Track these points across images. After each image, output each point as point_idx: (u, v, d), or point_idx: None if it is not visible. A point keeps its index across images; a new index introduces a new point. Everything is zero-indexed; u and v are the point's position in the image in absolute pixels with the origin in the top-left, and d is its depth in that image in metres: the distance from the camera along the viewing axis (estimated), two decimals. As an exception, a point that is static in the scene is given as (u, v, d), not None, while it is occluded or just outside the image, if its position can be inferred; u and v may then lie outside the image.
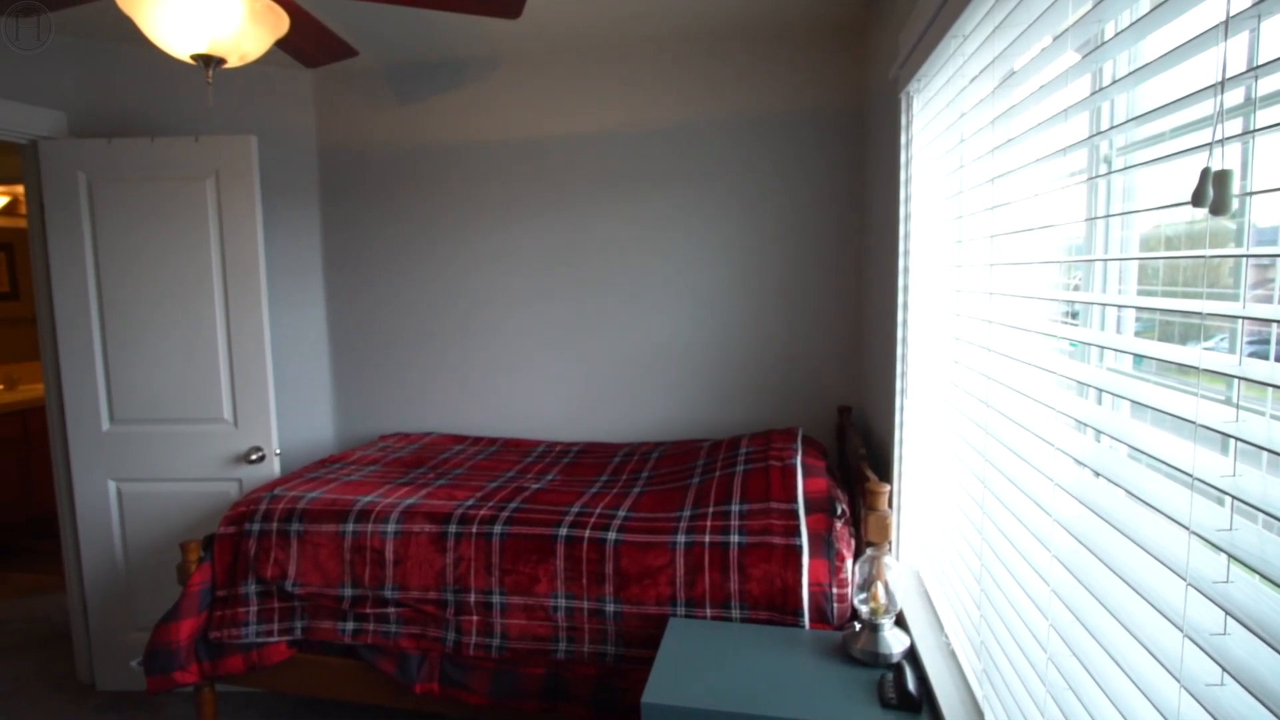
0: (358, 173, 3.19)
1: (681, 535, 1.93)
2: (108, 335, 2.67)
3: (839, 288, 2.86)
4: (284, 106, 3.11)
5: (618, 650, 1.92)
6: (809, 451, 2.44)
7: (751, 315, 2.93)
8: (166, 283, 2.65)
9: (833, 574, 1.83)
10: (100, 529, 2.75)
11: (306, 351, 3.23)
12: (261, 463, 2.69)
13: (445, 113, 3.09)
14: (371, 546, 2.08)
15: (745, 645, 1.69)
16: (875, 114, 2.51)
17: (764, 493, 2.06)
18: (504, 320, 3.14)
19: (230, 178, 2.61)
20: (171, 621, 2.15)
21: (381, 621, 2.08)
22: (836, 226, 2.84)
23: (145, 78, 2.82)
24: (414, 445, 2.94)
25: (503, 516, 2.08)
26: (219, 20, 1.43)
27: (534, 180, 3.04)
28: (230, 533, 2.20)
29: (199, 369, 2.68)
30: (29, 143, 2.63)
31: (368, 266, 3.24)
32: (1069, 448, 1.02)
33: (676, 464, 2.54)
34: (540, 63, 2.98)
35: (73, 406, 2.69)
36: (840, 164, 2.81)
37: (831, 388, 2.90)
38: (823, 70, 2.79)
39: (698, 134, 2.89)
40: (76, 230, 2.62)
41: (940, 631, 1.67)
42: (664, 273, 2.97)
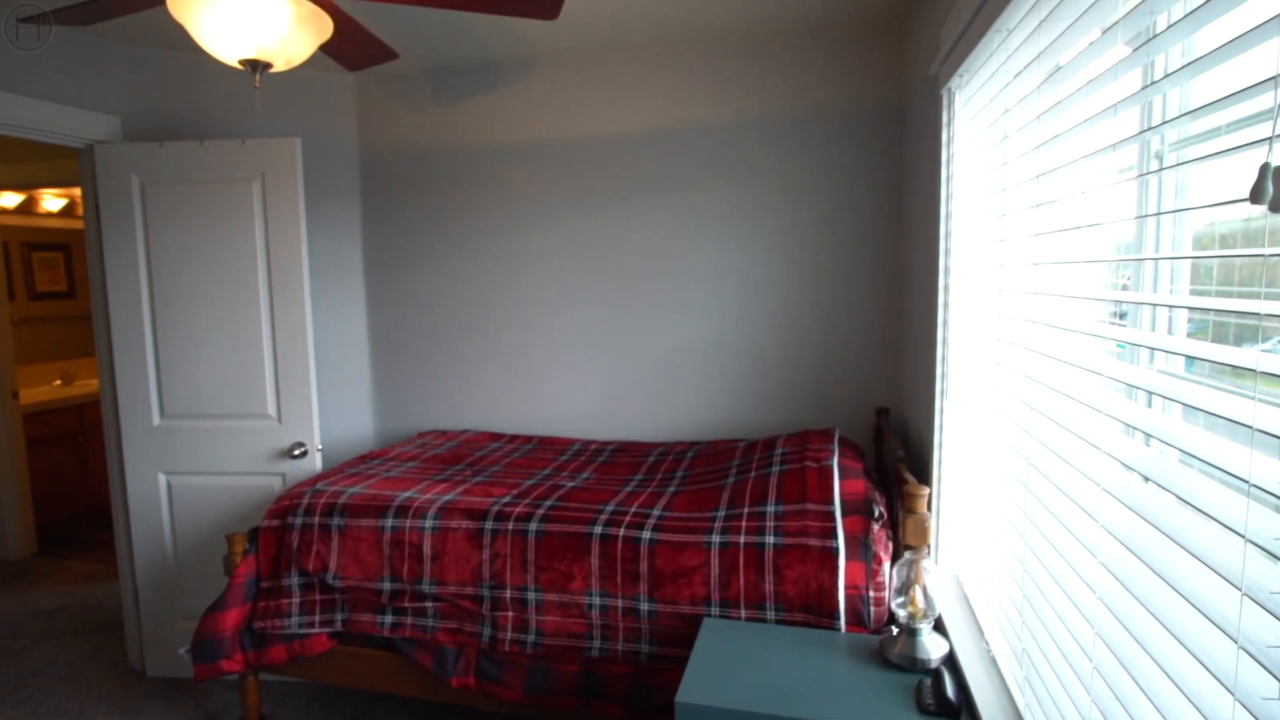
0: (397, 173, 3.25)
1: (716, 535, 1.92)
2: (159, 333, 2.76)
3: (877, 287, 2.82)
4: (326, 109, 3.17)
5: (651, 649, 1.93)
6: (846, 453, 2.41)
7: (788, 315, 2.90)
8: (214, 282, 2.73)
9: (869, 577, 1.81)
10: (151, 520, 2.84)
11: (347, 349, 3.30)
12: (304, 458, 2.76)
13: (482, 114, 3.12)
14: (410, 541, 2.12)
15: (780, 647, 1.68)
16: (915, 111, 2.47)
17: (800, 494, 2.04)
18: (540, 319, 3.17)
19: (275, 179, 2.67)
20: (218, 611, 2.22)
21: (419, 615, 2.11)
22: (874, 225, 2.80)
23: (194, 83, 2.90)
24: (451, 442, 2.98)
25: (538, 514, 2.10)
26: (266, 26, 1.47)
27: (570, 180, 3.06)
28: (274, 526, 2.26)
29: (245, 366, 2.75)
30: (85, 147, 2.73)
31: (407, 266, 3.29)
32: (1116, 452, 0.99)
33: (711, 464, 2.54)
34: (576, 63, 3.00)
35: (125, 401, 2.78)
36: (878, 162, 2.77)
37: (869, 389, 2.87)
38: (860, 67, 2.75)
39: (733, 133, 2.88)
40: (130, 231, 2.71)
41: (980, 638, 1.63)
42: (700, 272, 2.96)
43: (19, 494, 4.24)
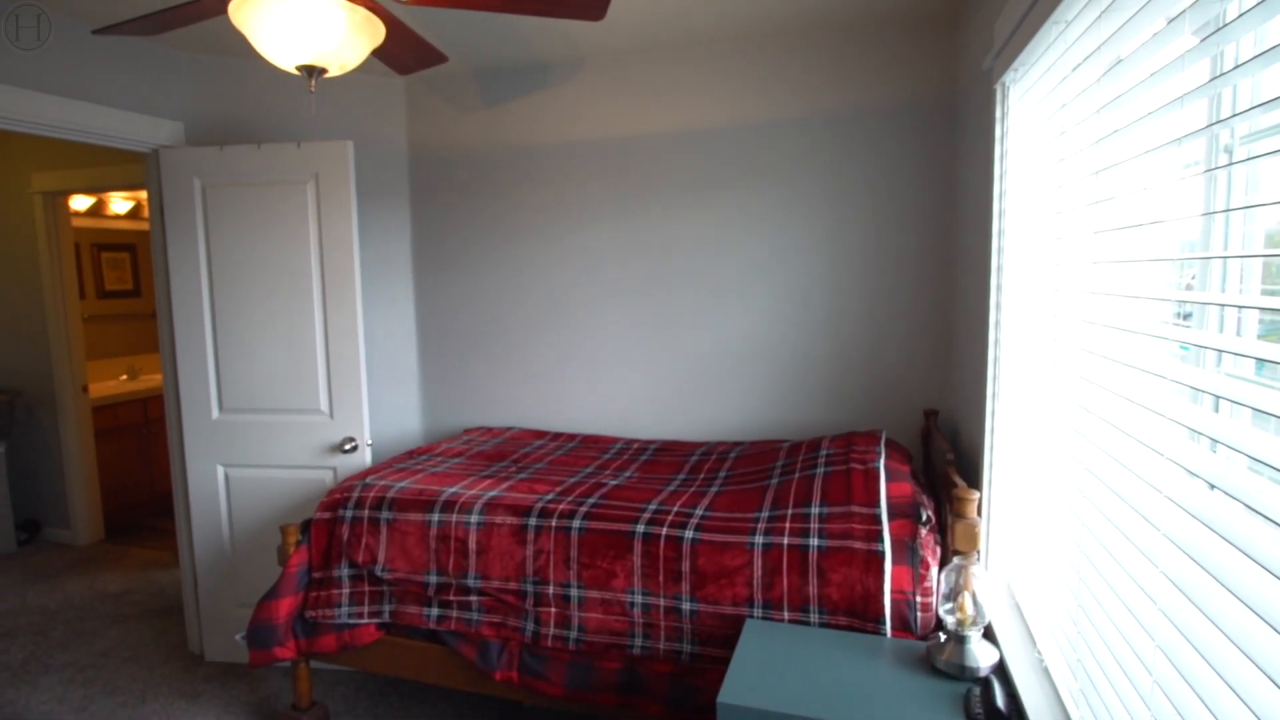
0: (445, 174, 3.30)
1: (759, 536, 1.91)
2: (218, 329, 2.86)
3: (927, 286, 2.77)
4: (377, 112, 3.25)
5: (693, 649, 1.92)
6: (893, 455, 2.37)
7: (834, 314, 2.87)
8: (270, 281, 2.82)
9: (916, 582, 1.78)
10: (209, 510, 2.95)
11: (396, 346, 3.37)
12: (354, 452, 2.83)
13: (528, 115, 3.16)
14: (456, 536, 2.16)
15: (824, 650, 1.66)
16: (967, 107, 2.41)
17: (845, 496, 2.02)
18: (585, 318, 3.19)
19: (329, 181, 2.75)
20: (272, 600, 2.29)
21: (464, 609, 2.15)
22: (925, 223, 2.75)
23: (252, 88, 3.00)
24: (496, 439, 3.02)
25: (581, 511, 2.12)
26: (322, 32, 1.51)
27: (615, 179, 3.07)
28: (325, 518, 2.32)
29: (298, 362, 2.83)
30: (151, 151, 2.85)
31: (454, 265, 3.34)
32: (1180, 458, 0.96)
33: (755, 464, 2.52)
34: (622, 63, 3.01)
35: (187, 396, 2.89)
36: (929, 159, 2.72)
37: (917, 390, 2.81)
38: (910, 62, 2.70)
39: (780, 131, 2.86)
40: (191, 232, 2.82)
41: (1033, 647, 1.59)
42: (744, 271, 2.95)
43: (88, 483, 4.45)
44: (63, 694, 2.83)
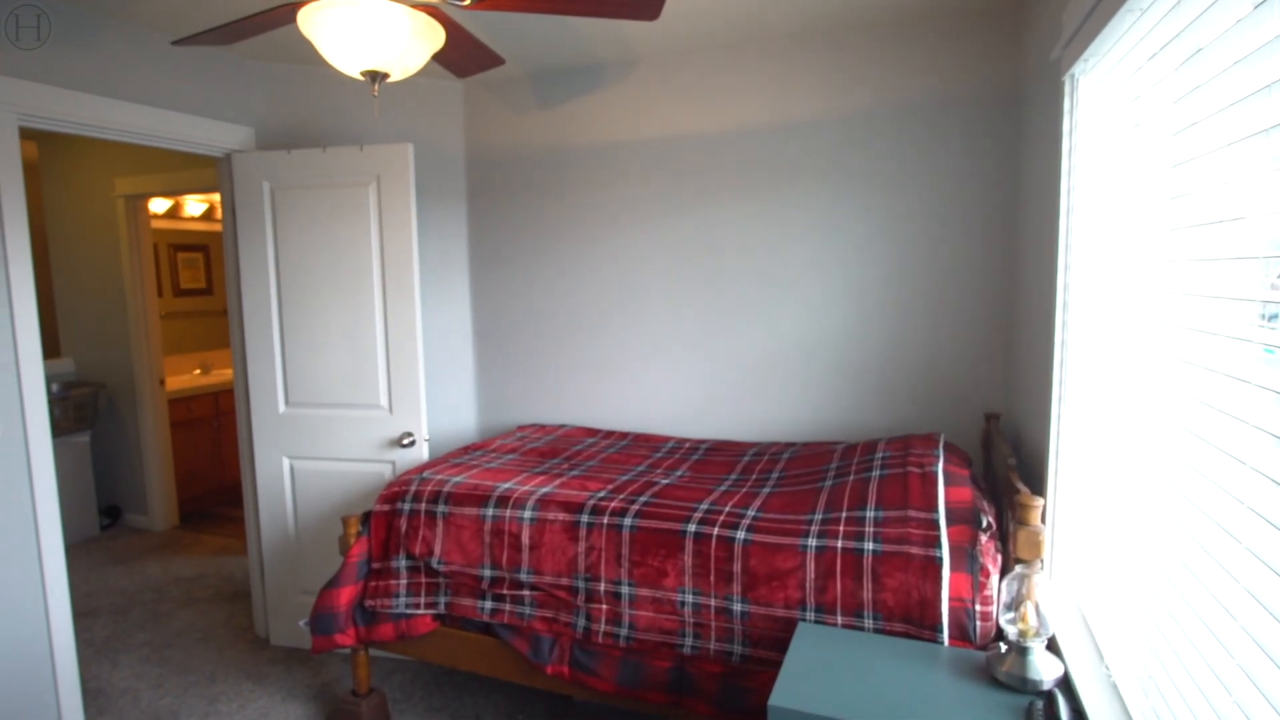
0: (501, 175, 3.36)
1: (813, 539, 1.89)
2: (285, 327, 2.97)
3: (988, 286, 2.68)
4: (436, 115, 3.32)
5: (744, 650, 1.91)
6: (952, 459, 2.31)
7: (891, 314, 2.81)
8: (333, 280, 2.91)
9: (976, 590, 1.73)
10: (275, 500, 3.06)
11: (453, 344, 3.44)
12: (412, 447, 2.90)
13: (582, 115, 3.18)
14: (509, 531, 2.19)
15: (879, 657, 1.63)
16: (1033, 99, 2.33)
17: (901, 500, 1.98)
18: (636, 317, 3.20)
19: (389, 183, 2.82)
20: (333, 588, 2.37)
21: (517, 603, 2.18)
22: (986, 220, 2.67)
23: (318, 94, 3.10)
24: (549, 436, 3.06)
25: (633, 510, 2.12)
26: (386, 38, 1.55)
27: (668, 178, 3.07)
28: (384, 511, 2.39)
29: (360, 359, 2.92)
30: (224, 156, 2.97)
31: (509, 264, 3.40)
32: (1264, 467, 0.91)
33: (808, 466, 2.49)
34: (676, 62, 3.00)
35: (255, 390, 3.01)
36: (991, 154, 2.64)
37: (978, 392, 2.73)
38: (972, 55, 2.62)
39: (835, 127, 2.81)
40: (261, 233, 2.93)
41: (1100, 661, 1.53)
42: (799, 269, 2.91)
43: (165, 472, 4.67)
44: (141, 671, 2.98)
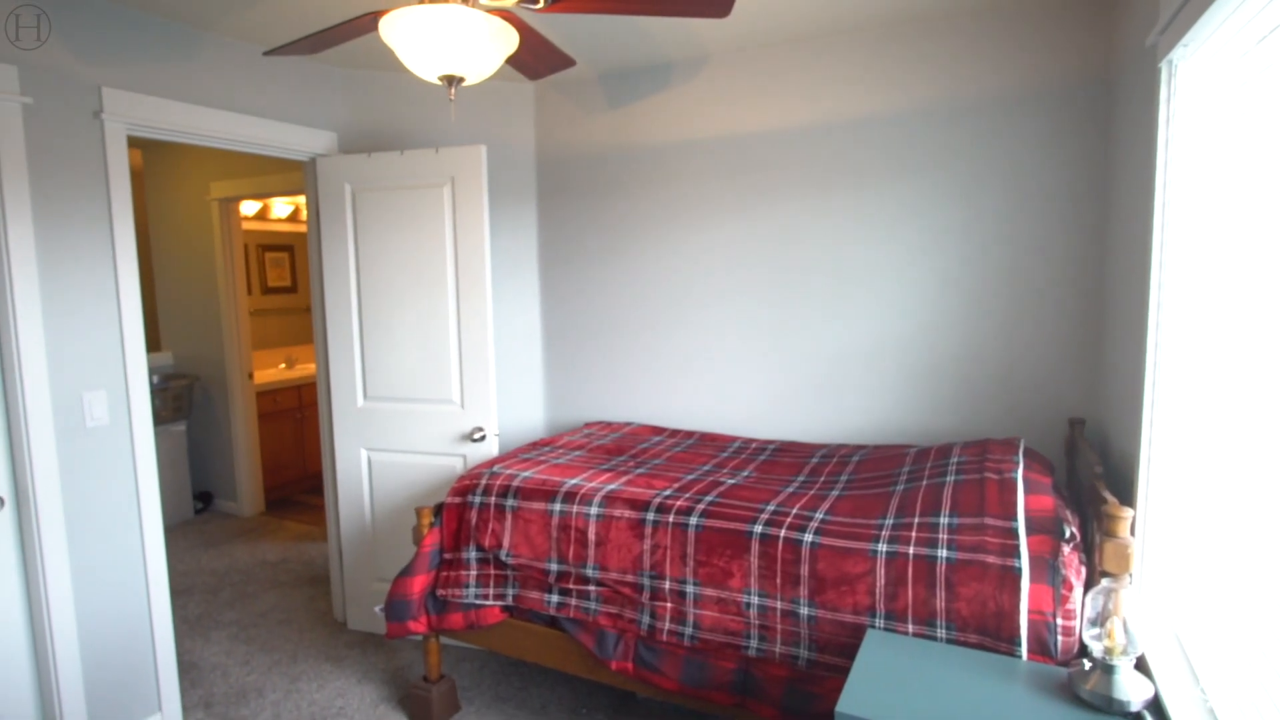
0: (571, 174, 3.40)
1: (883, 544, 1.84)
2: (364, 323, 3.09)
3: (1073, 285, 2.56)
4: (508, 116, 3.39)
5: (810, 654, 1.88)
6: (1032, 465, 2.22)
7: (967, 314, 2.71)
8: (410, 278, 3.00)
9: (1058, 603, 1.65)
10: (354, 490, 3.19)
11: (522, 341, 3.51)
12: (483, 442, 2.97)
13: (652, 114, 3.19)
14: (576, 526, 2.22)
15: (952, 668, 1.58)
16: (1124, 89, 2.21)
17: (978, 506, 1.91)
18: (704, 315, 3.19)
19: (463, 183, 2.89)
20: (407, 576, 2.45)
21: (583, 598, 2.21)
22: (1072, 216, 2.54)
23: (395, 99, 3.21)
24: (616, 434, 3.08)
25: (699, 509, 2.12)
26: (462, 43, 1.59)
27: (737, 176, 3.05)
28: (456, 503, 2.46)
29: (434, 355, 3.01)
30: (309, 160, 3.11)
31: (577, 262, 3.44)
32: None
33: (879, 469, 2.43)
34: (746, 59, 2.98)
35: (336, 384, 3.14)
36: (1077, 147, 2.51)
37: (1061, 396, 2.61)
38: (1054, 44, 2.51)
39: (907, 123, 2.73)
40: (342, 233, 3.05)
41: (1196, 684, 1.44)
42: (871, 267, 2.85)
43: (252, 460, 4.93)
44: (229, 648, 3.16)
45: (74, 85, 2.27)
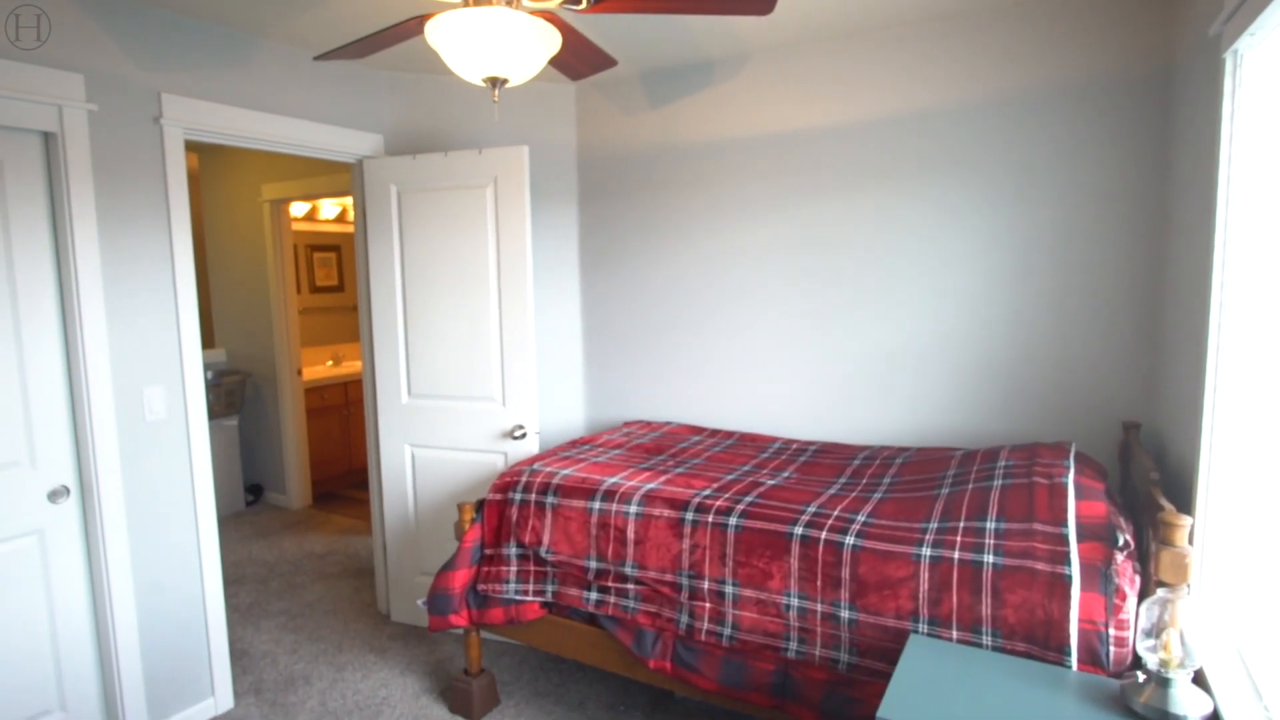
0: (611, 174, 3.41)
1: (927, 548, 1.81)
2: (409, 322, 3.14)
3: (1128, 283, 2.48)
4: (550, 117, 3.41)
5: (851, 658, 1.86)
6: (1084, 470, 2.15)
7: (1016, 315, 2.65)
8: (453, 278, 3.05)
9: (1110, 612, 1.60)
10: (398, 485, 3.25)
11: (562, 340, 3.53)
12: (523, 439, 3.00)
13: (693, 113, 3.18)
14: (615, 525, 2.23)
15: (998, 676, 1.55)
16: (1185, 81, 2.13)
17: (1026, 511, 1.86)
18: (744, 315, 3.17)
19: (506, 184, 2.93)
20: (449, 571, 2.49)
21: (621, 596, 2.22)
22: (1127, 213, 2.46)
23: (439, 101, 3.26)
24: (655, 433, 3.08)
25: (738, 509, 2.11)
26: (506, 45, 1.61)
27: (778, 175, 3.03)
28: (497, 499, 2.49)
29: (476, 353, 3.05)
30: (356, 162, 3.18)
31: (617, 262, 3.45)
32: None
33: (923, 472, 2.39)
34: (788, 56, 2.95)
35: (381, 381, 3.20)
36: (1134, 141, 2.43)
37: (1114, 399, 2.53)
38: (1110, 34, 2.43)
39: (954, 119, 2.67)
40: (388, 234, 3.11)
41: (1259, 700, 1.39)
42: (916, 266, 2.79)
43: (301, 455, 5.06)
44: (279, 637, 3.25)
45: (135, 92, 2.36)
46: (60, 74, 2.16)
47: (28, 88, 2.09)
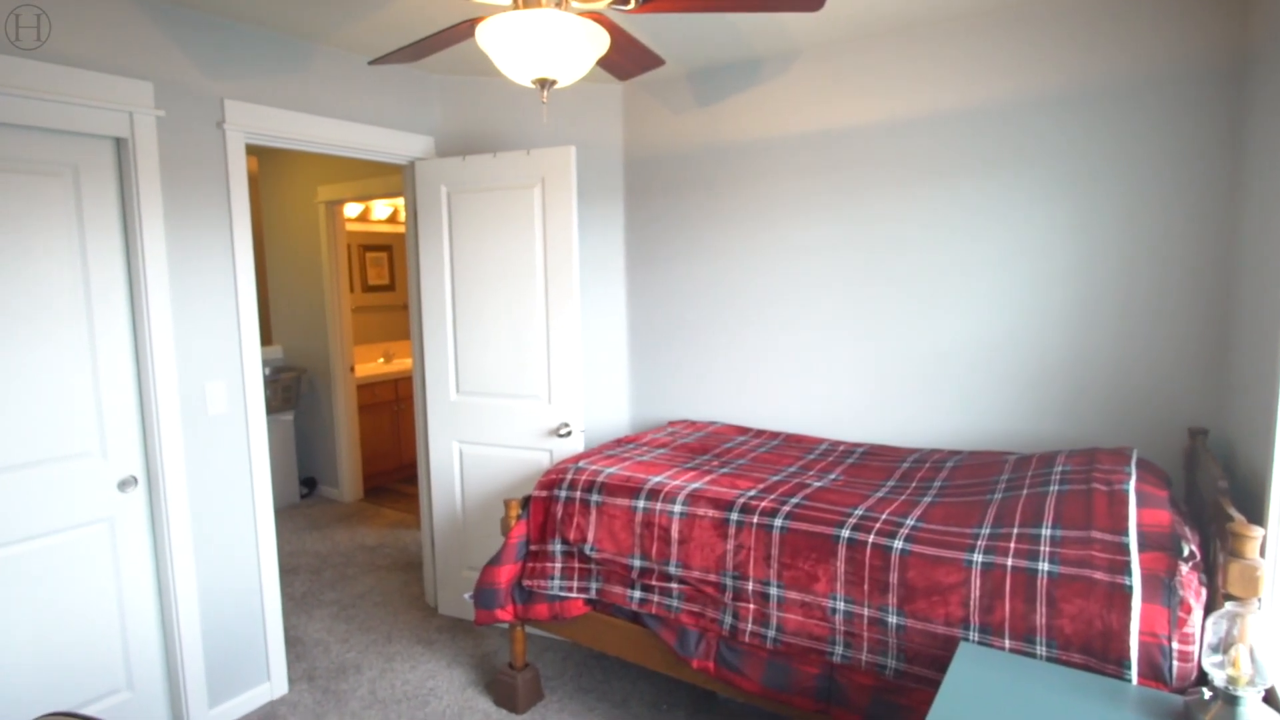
0: (657, 174, 3.41)
1: (979, 554, 1.77)
2: (458, 320, 3.20)
3: (1195, 284, 2.38)
4: (597, 117, 3.43)
5: (898, 665, 1.83)
6: (1146, 477, 2.07)
7: (1074, 315, 2.56)
8: (501, 277, 3.09)
9: (1174, 625, 1.54)
10: (446, 480, 3.31)
11: (607, 339, 3.55)
12: (569, 437, 3.02)
13: (740, 112, 3.16)
14: (659, 524, 2.23)
15: (1052, 688, 1.50)
16: (1260, 72, 2.03)
17: (1084, 519, 1.80)
18: (791, 314, 3.14)
19: (553, 184, 2.95)
20: (495, 566, 2.52)
21: (665, 595, 2.22)
22: (1194, 212, 2.36)
23: (488, 102, 3.31)
24: (699, 433, 3.07)
25: (784, 510, 2.09)
26: (556, 47, 1.63)
27: (826, 173, 2.99)
28: (542, 496, 2.51)
29: (523, 352, 3.08)
30: (408, 164, 3.25)
31: (663, 261, 3.45)
32: None
33: (975, 476, 2.33)
34: (838, 52, 2.91)
35: (431, 378, 3.27)
36: (1202, 138, 2.32)
37: (1180, 404, 2.43)
38: (1178, 24, 2.32)
39: (1011, 114, 2.60)
40: (438, 234, 3.17)
41: (1334, 721, 1.32)
42: (968, 266, 2.73)
43: (353, 449, 5.19)
44: (330, 626, 3.34)
45: (200, 98, 2.45)
46: (131, 82, 2.26)
47: (102, 96, 2.19)
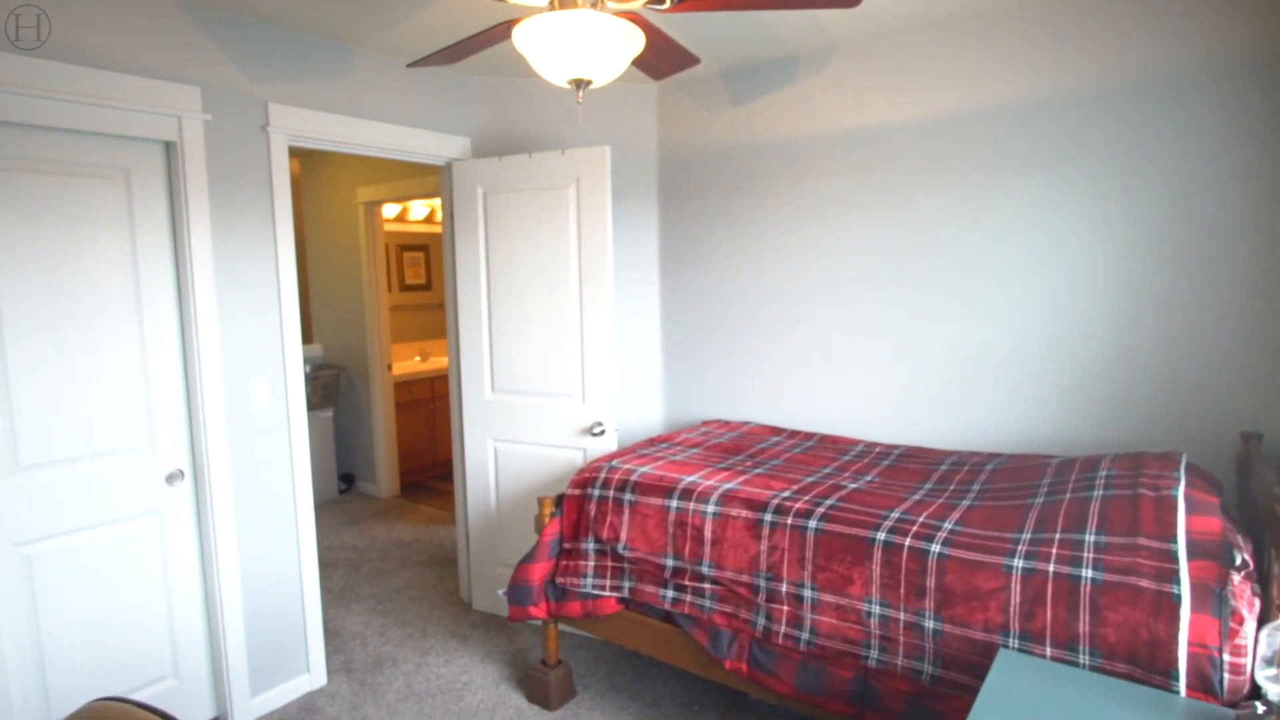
0: (692, 173, 3.40)
1: (1019, 560, 1.73)
2: (493, 319, 3.23)
3: (1248, 285, 2.29)
4: (632, 117, 3.44)
5: (935, 670, 1.80)
6: (1195, 483, 2.01)
7: (1120, 316, 2.49)
8: (536, 276, 3.11)
9: (1225, 636, 1.49)
10: (481, 478, 3.35)
11: (642, 339, 3.55)
12: (602, 436, 3.04)
13: (775, 111, 3.14)
14: (692, 524, 2.23)
15: (1095, 698, 1.46)
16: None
17: (1130, 525, 1.75)
18: (826, 314, 3.10)
19: (588, 184, 2.96)
20: (529, 563, 2.54)
21: (698, 595, 2.21)
22: (1246, 210, 2.28)
23: (524, 103, 3.34)
24: (733, 433, 3.06)
25: (818, 512, 2.07)
26: (592, 47, 1.63)
27: (864, 172, 2.95)
28: (576, 494, 2.53)
29: (557, 351, 3.10)
30: (445, 164, 3.29)
31: (697, 261, 3.44)
32: None
33: (1015, 479, 2.28)
34: (877, 48, 2.87)
35: (467, 377, 3.31)
36: (1254, 134, 2.24)
37: (1232, 408, 2.35)
38: (1232, 13, 2.25)
39: (1053, 108, 2.53)
40: (474, 233, 3.21)
41: (1397, 740, 1.26)
42: (1009, 265, 2.67)
43: (390, 446, 5.28)
44: (368, 620, 3.40)
45: (245, 103, 2.52)
46: (180, 87, 2.33)
47: (153, 101, 2.26)
